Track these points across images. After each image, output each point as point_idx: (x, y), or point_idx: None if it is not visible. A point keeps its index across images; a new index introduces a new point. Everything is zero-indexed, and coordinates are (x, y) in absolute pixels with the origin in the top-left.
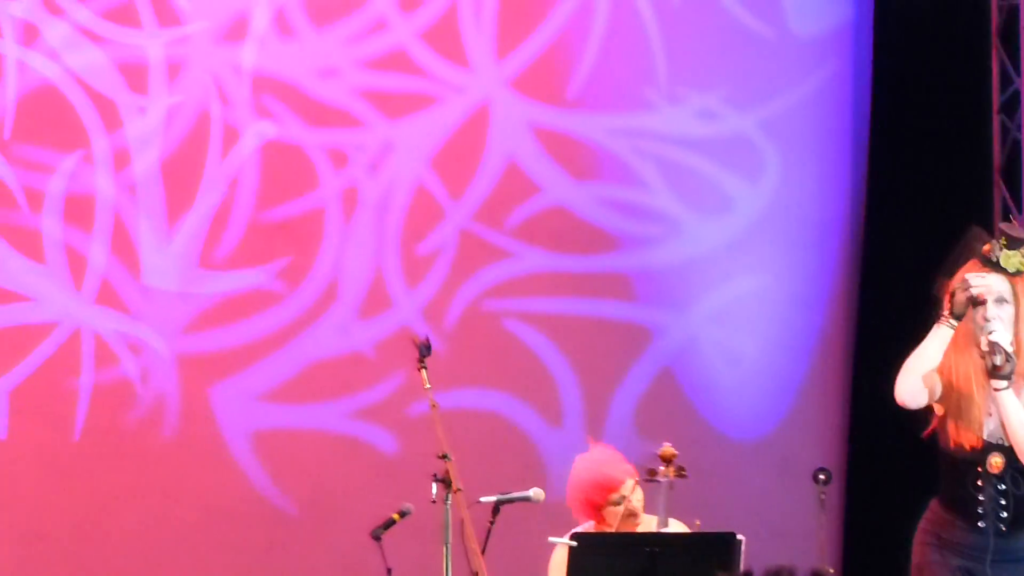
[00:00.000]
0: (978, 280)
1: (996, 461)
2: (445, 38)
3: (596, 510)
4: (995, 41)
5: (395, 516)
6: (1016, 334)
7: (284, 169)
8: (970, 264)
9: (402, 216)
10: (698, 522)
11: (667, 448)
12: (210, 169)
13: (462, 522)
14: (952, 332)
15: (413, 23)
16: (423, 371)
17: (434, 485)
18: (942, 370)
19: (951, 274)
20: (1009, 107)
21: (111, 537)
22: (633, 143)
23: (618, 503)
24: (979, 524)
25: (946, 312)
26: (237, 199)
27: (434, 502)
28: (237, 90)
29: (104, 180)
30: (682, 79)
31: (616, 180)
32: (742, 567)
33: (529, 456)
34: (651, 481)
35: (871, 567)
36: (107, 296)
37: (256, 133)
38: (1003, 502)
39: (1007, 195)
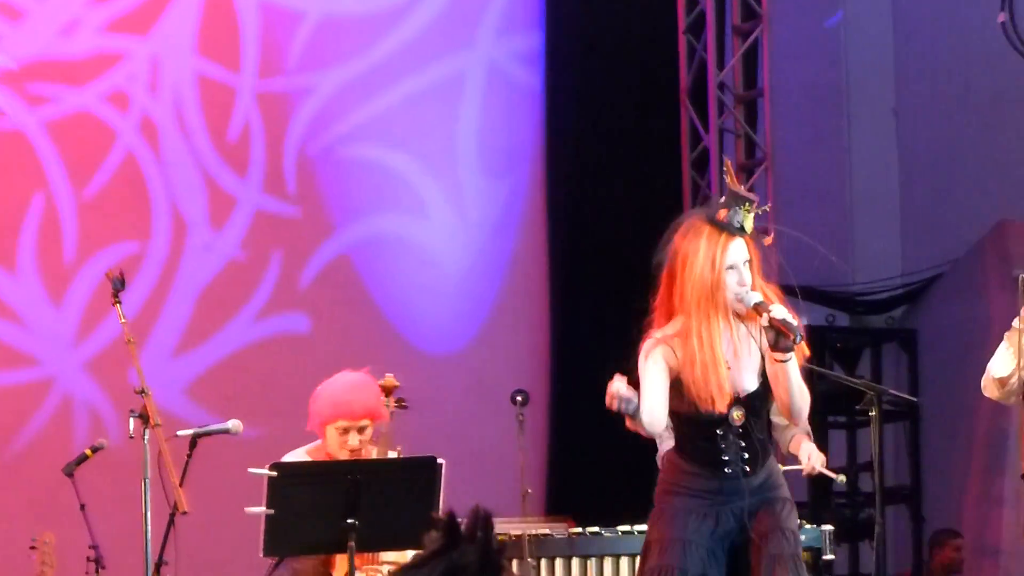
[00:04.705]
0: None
1: (737, 414)
2: None
3: (321, 424)
4: None
5: (88, 452)
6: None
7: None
8: (707, 235)
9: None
10: (399, 447)
11: (389, 379)
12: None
13: (159, 456)
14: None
15: None
16: (118, 306)
17: (131, 420)
18: (683, 337)
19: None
20: (695, 28)
21: None
22: None
23: (343, 432)
24: (725, 470)
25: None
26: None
27: (132, 437)
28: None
29: None
30: None
31: None
32: (442, 499)
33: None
34: None
35: (574, 488)
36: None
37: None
38: (743, 444)
39: (694, 116)
